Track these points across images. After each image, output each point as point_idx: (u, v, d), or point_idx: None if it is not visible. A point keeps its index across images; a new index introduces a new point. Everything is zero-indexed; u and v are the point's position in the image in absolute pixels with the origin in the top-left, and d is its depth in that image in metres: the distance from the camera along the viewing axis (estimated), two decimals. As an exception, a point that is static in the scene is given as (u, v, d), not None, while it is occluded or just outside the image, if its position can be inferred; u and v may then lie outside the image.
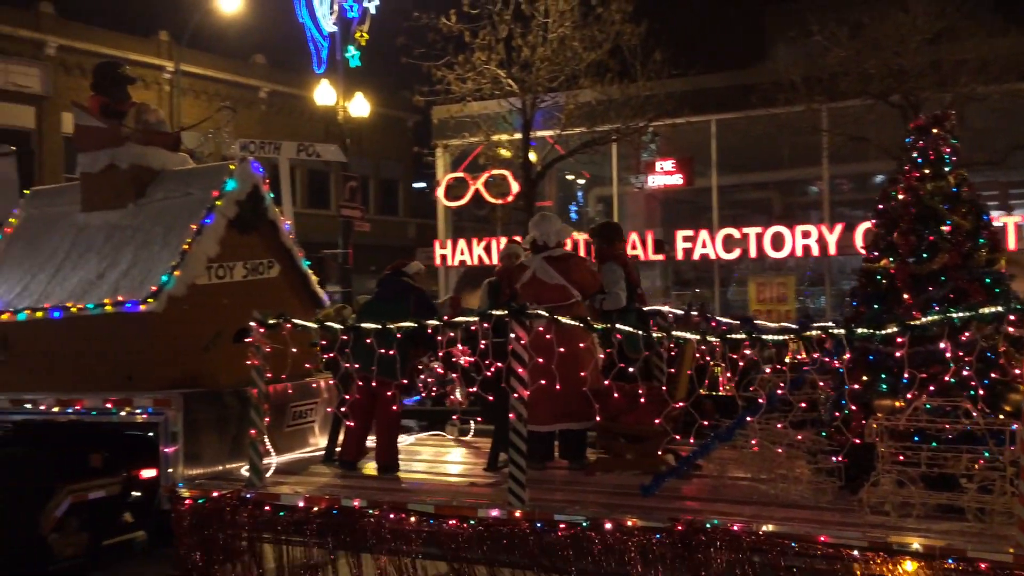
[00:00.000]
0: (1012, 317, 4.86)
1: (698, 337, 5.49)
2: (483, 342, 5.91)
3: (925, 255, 5.77)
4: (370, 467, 7.23)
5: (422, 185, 36.10)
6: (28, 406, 7.33)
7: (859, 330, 5.17)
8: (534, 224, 7.21)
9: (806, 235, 22.82)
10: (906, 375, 5.20)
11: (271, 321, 6.55)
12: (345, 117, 22.13)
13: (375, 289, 7.65)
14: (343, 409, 6.90)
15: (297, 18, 22.87)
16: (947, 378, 5.08)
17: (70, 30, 27.56)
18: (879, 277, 5.95)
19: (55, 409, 7.21)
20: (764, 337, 5.37)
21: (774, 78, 20.13)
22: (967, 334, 5.09)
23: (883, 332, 5.11)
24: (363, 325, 6.36)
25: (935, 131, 5.89)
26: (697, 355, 6.52)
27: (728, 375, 5.30)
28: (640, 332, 5.73)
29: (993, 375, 5.31)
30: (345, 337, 6.38)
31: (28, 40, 26.83)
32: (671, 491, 6.11)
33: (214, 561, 6.67)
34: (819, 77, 19.56)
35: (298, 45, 24.76)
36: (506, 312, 5.79)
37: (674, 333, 5.66)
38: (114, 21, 28.96)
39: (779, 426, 5.77)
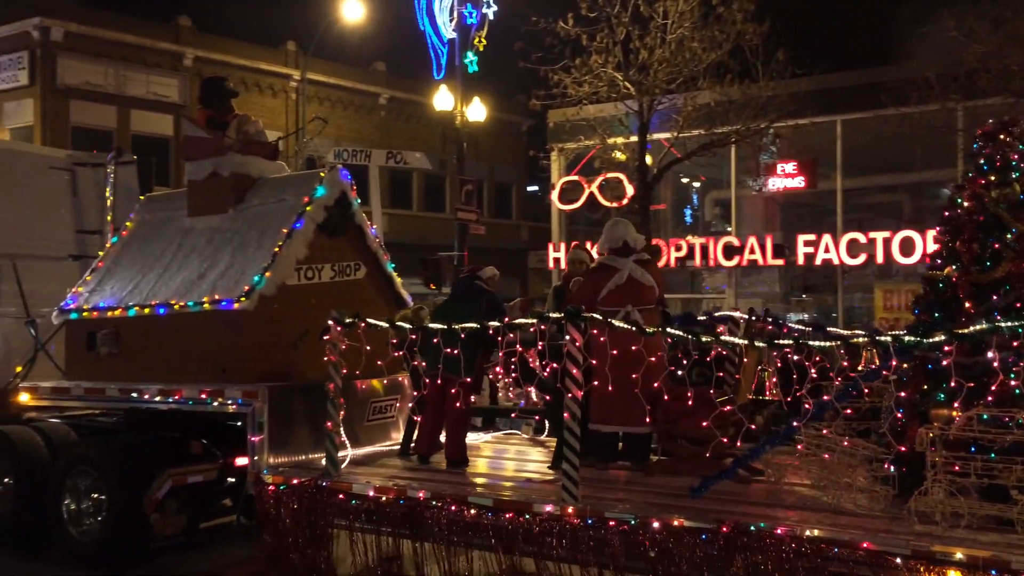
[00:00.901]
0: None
1: (744, 343, 5.64)
2: (540, 343, 6.25)
3: (988, 263, 5.76)
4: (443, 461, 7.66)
5: (535, 188, 36.63)
6: (134, 395, 8.11)
7: (906, 338, 5.23)
8: (619, 229, 7.48)
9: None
10: (953, 383, 5.23)
11: (347, 320, 7.06)
12: (462, 122, 22.75)
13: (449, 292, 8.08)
14: (410, 405, 7.35)
15: (418, 26, 23.69)
16: (994, 388, 5.07)
17: (206, 42, 29.35)
18: (941, 285, 5.96)
19: (157, 398, 7.96)
20: (809, 343, 5.48)
21: (906, 76, 19.46)
22: (1016, 344, 5.08)
23: (928, 341, 5.15)
24: (428, 325, 6.79)
25: (1002, 137, 5.86)
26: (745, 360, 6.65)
27: (774, 380, 5.41)
28: (691, 336, 5.91)
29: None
30: (413, 336, 6.82)
31: (168, 52, 28.70)
32: (726, 495, 6.28)
33: (294, 545, 7.25)
34: (955, 74, 18.82)
35: (417, 52, 25.76)
36: (562, 316, 6.11)
37: (724, 339, 5.83)
38: (246, 33, 30.70)
39: (823, 432, 5.85)
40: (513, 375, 6.87)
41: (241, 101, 31.10)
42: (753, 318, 7.72)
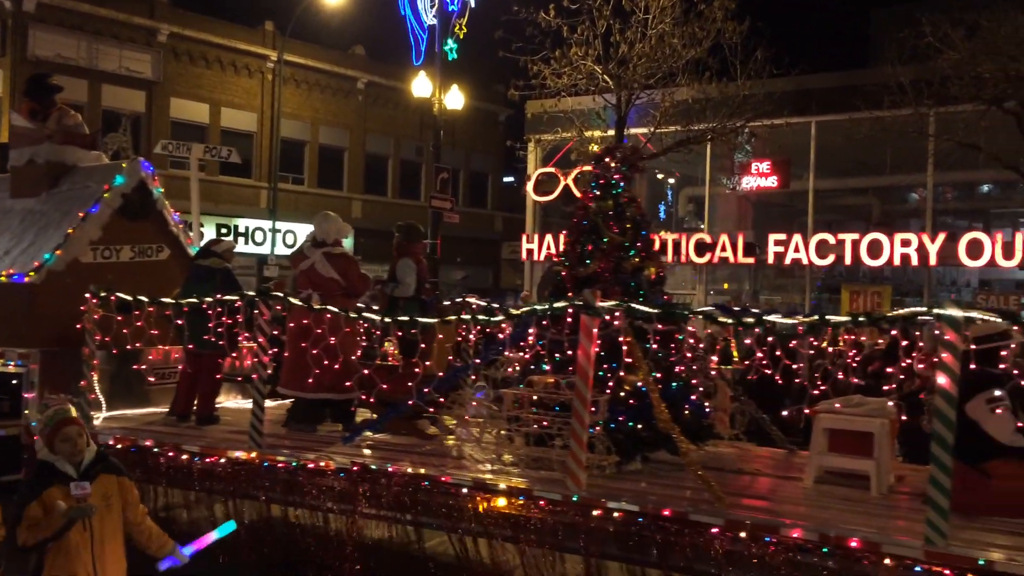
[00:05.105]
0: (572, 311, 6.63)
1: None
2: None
3: (588, 261, 7.54)
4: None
5: (511, 179, 38.62)
6: (-64, 356, 10.22)
7: (480, 317, 7.08)
8: (318, 223, 9.38)
9: (905, 243, 23.46)
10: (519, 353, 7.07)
11: (103, 293, 9.08)
12: (440, 109, 24.45)
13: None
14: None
15: (399, 11, 25.42)
16: (522, 356, 6.89)
17: (182, 18, 31.42)
18: (558, 279, 7.78)
19: (-49, 359, 10.06)
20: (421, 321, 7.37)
21: (880, 80, 20.65)
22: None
23: (492, 319, 7.01)
24: (165, 300, 8.82)
25: (607, 160, 7.69)
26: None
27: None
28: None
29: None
30: (151, 309, 8.84)
31: (142, 27, 30.73)
32: (384, 445, 8.48)
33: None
34: (929, 80, 19.93)
35: (397, 37, 27.54)
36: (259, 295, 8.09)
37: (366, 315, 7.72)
38: (223, 11, 32.83)
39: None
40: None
41: (216, 80, 33.14)
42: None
